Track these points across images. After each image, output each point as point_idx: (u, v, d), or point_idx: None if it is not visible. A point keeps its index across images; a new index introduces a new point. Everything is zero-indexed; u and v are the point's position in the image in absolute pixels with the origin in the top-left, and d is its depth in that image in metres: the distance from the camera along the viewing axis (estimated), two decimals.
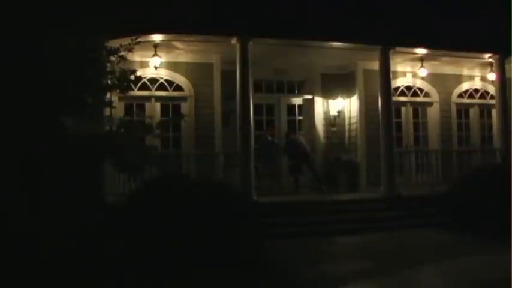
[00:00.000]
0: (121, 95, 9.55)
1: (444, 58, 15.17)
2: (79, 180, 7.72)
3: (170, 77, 13.83)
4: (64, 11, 7.41)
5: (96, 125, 8.38)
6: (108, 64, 8.33)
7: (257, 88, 14.59)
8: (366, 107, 15.08)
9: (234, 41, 12.39)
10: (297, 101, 15.97)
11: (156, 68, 13.09)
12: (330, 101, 15.90)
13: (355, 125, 15.55)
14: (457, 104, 16.68)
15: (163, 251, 7.91)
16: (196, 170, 12.58)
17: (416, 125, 16.28)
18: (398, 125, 15.62)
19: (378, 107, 13.78)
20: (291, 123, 15.73)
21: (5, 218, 7.11)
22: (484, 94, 17.06)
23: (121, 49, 8.21)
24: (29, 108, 7.27)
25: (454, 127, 16.53)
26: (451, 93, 16.54)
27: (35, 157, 7.34)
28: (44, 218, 7.29)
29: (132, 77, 8.36)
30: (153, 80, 13.62)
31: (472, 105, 16.97)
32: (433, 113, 16.32)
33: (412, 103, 16.21)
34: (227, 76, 13.37)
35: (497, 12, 13.98)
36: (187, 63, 13.91)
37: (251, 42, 12.34)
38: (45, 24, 7.30)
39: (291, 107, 15.93)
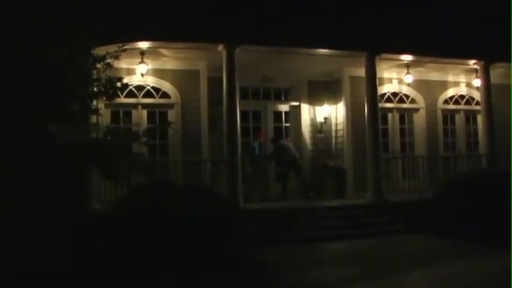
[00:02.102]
0: (107, 102, 9.50)
1: (430, 64, 15.26)
2: (65, 188, 7.66)
3: (157, 84, 13.79)
4: (50, 18, 7.38)
5: (83, 132, 8.33)
6: (95, 71, 8.30)
7: (244, 95, 14.58)
8: (353, 114, 15.12)
9: (220, 48, 12.39)
10: (284, 107, 15.99)
11: (142, 75, 13.05)
12: (317, 108, 15.94)
13: (341, 132, 15.59)
14: (443, 110, 16.78)
15: (148, 259, 7.85)
16: (184, 176, 12.55)
17: (402, 131, 16.36)
18: (385, 131, 15.68)
19: (364, 113, 13.81)
20: (278, 130, 15.73)
21: None
22: (470, 100, 17.18)
23: (107, 56, 8.19)
24: (14, 115, 7.21)
25: (440, 133, 16.62)
26: (436, 99, 16.65)
27: (21, 165, 7.27)
28: (28, 226, 7.22)
29: (119, 84, 8.33)
30: (139, 87, 13.55)
31: (457, 111, 17.08)
32: (419, 119, 16.41)
33: (399, 109, 16.29)
34: (214, 83, 13.36)
35: (482, 19, 14.10)
36: (173, 71, 13.87)
37: (238, 49, 12.35)
38: (31, 30, 7.27)
39: (278, 114, 15.94)
